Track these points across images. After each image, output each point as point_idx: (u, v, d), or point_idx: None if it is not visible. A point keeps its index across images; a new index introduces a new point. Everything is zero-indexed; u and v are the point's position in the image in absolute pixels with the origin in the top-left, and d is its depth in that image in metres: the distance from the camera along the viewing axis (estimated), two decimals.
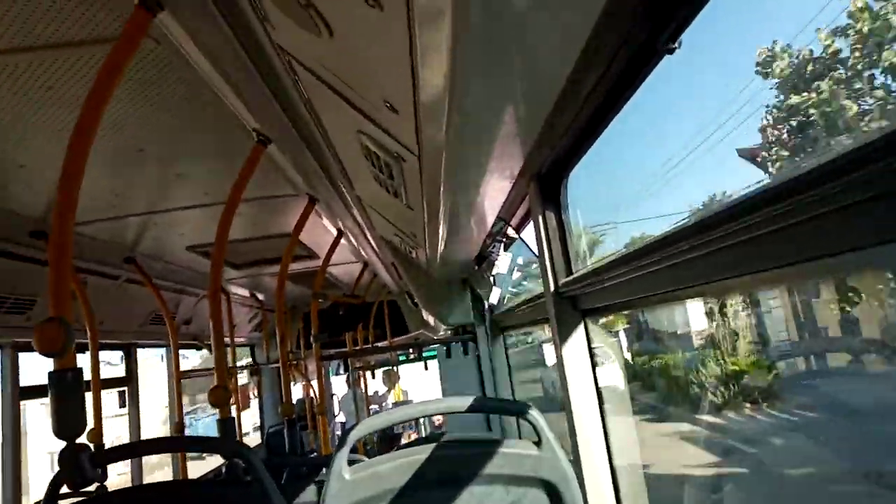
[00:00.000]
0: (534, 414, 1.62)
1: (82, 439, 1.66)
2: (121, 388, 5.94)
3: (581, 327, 1.81)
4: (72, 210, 1.61)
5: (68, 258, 1.56)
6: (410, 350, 9.27)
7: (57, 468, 1.65)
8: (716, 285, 1.16)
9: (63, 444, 1.61)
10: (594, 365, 1.80)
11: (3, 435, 4.12)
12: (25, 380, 4.14)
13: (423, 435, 7.97)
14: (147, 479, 5.81)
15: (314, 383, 7.52)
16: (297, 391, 9.58)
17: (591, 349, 1.81)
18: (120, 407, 5.97)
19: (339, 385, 11.16)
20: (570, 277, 1.79)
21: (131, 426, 5.94)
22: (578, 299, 1.79)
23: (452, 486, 1.60)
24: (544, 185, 1.81)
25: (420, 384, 12.94)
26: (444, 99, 1.29)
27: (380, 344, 8.17)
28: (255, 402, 9.03)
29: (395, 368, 11.43)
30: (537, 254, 1.94)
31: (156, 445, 2.73)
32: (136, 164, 2.89)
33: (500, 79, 1.28)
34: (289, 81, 1.96)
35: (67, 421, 1.56)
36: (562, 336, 1.79)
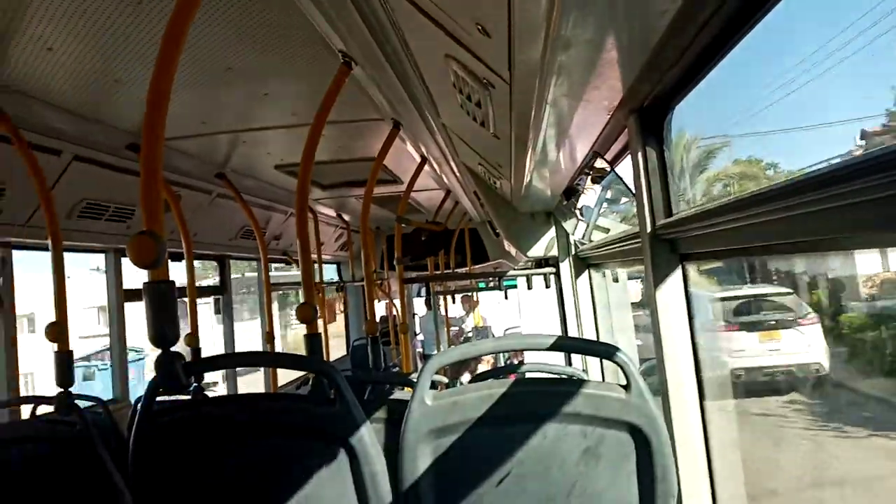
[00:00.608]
0: (622, 356, 1.55)
1: (179, 346, 1.74)
2: (216, 297, 6.30)
3: (678, 272, 1.70)
4: (160, 125, 1.62)
5: (158, 173, 1.57)
6: (490, 278, 9.31)
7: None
8: (842, 241, 1.03)
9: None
10: (691, 312, 1.69)
11: (110, 332, 4.46)
12: (129, 283, 4.44)
13: (502, 364, 8.07)
14: (241, 380, 6.22)
15: (396, 302, 7.73)
16: (380, 309, 9.88)
17: (688, 295, 1.70)
18: (215, 314, 6.30)
19: (419, 305, 11.42)
20: (671, 219, 1.66)
21: (225, 333, 6.32)
22: (677, 242, 1.67)
23: (532, 422, 1.57)
24: (646, 119, 1.66)
25: (499, 311, 13.05)
26: (541, 22, 1.16)
27: (460, 270, 8.22)
28: (340, 317, 9.40)
29: (475, 295, 11.52)
30: (634, 191, 1.81)
31: (245, 358, 2.86)
32: (224, 83, 2.91)
33: (605, 1, 1.14)
34: (377, 1, 1.86)
35: (162, 330, 1.62)
36: (657, 280, 1.69)
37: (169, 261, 1.76)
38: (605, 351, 1.61)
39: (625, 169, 2.26)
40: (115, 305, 4.39)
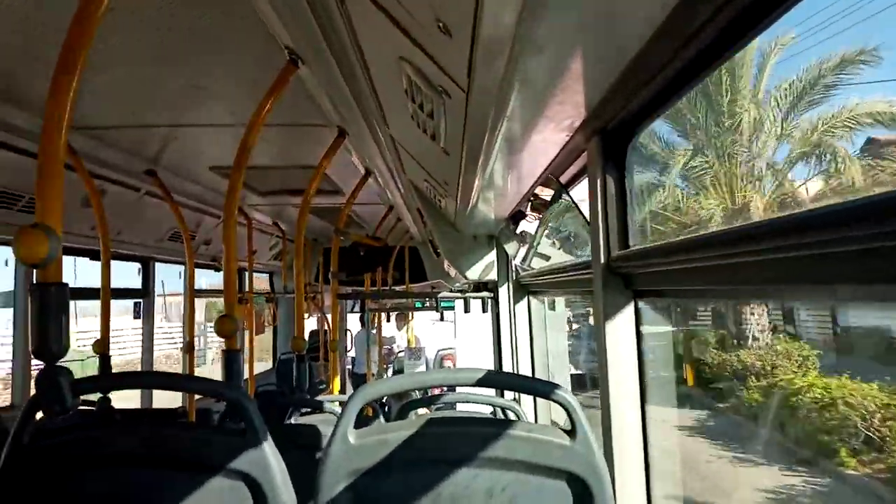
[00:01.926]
0: (567, 398, 1.44)
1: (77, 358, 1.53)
2: (136, 300, 5.94)
3: (630, 308, 1.60)
4: (64, 106, 1.44)
5: (57, 159, 1.39)
6: (427, 298, 9.20)
7: None
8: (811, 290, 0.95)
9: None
10: (640, 352, 1.60)
11: (14, 336, 4.11)
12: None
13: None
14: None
15: (329, 317, 7.50)
16: (311, 324, 9.59)
17: (639, 334, 1.60)
18: (134, 318, 5.94)
19: (353, 322, 11.19)
20: (626, 251, 1.57)
21: (144, 339, 5.96)
22: (633, 278, 1.58)
23: (466, 466, 1.43)
24: (608, 142, 1.57)
25: (433, 332, 12.92)
26: (510, 24, 1.05)
27: (397, 288, 8.08)
28: (269, 328, 9.08)
29: (409, 314, 11.37)
30: (588, 219, 1.72)
31: (146, 379, 2.61)
32: (160, 72, 2.71)
33: (580, 11, 1.05)
34: None
35: (47, 341, 1.41)
36: (607, 315, 1.59)
37: (87, 259, 1.57)
38: (546, 390, 1.49)
39: (578, 194, 2.19)
40: (24, 302, 4.05)
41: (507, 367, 4.72)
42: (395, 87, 1.97)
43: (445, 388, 4.62)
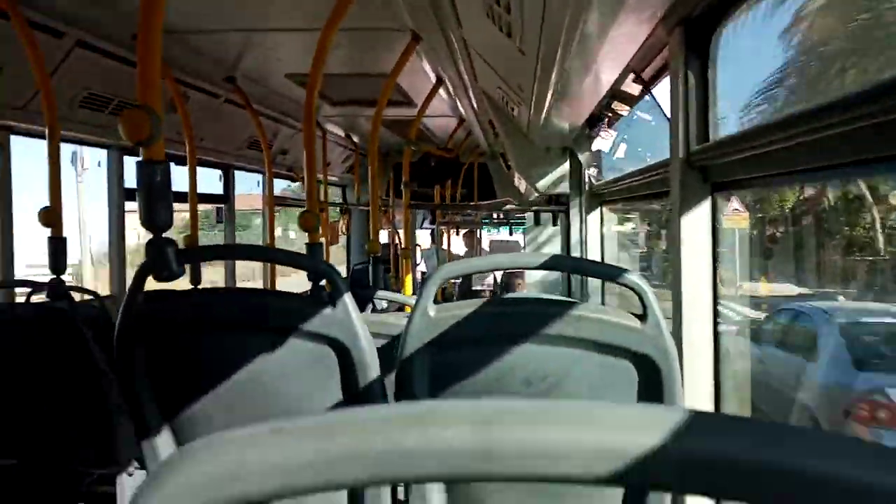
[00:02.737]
0: (640, 283, 1.46)
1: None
2: (218, 206, 6.21)
3: (708, 202, 1.59)
4: (159, 4, 1.51)
5: (156, 49, 1.46)
6: (497, 215, 9.20)
7: None
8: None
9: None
10: (716, 246, 1.59)
11: (109, 229, 4.40)
12: (130, 182, 4.35)
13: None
14: None
15: (400, 231, 7.66)
16: (383, 238, 9.80)
17: (715, 229, 1.60)
18: (216, 222, 6.23)
19: (422, 238, 11.36)
20: (706, 144, 1.54)
21: (226, 241, 6.26)
22: (710, 170, 1.55)
23: (540, 343, 1.49)
24: (692, 33, 1.52)
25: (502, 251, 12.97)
26: None
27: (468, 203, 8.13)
28: (342, 240, 9.35)
29: (478, 231, 11.45)
30: (669, 115, 1.69)
31: (243, 251, 2.78)
32: None
33: None
34: None
35: (155, 213, 1.54)
36: (683, 209, 1.58)
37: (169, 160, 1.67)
38: (618, 274, 1.52)
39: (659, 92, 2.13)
40: (116, 203, 4.31)
41: (576, 285, 4.75)
42: None
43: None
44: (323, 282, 1.85)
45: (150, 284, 1.66)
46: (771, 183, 1.36)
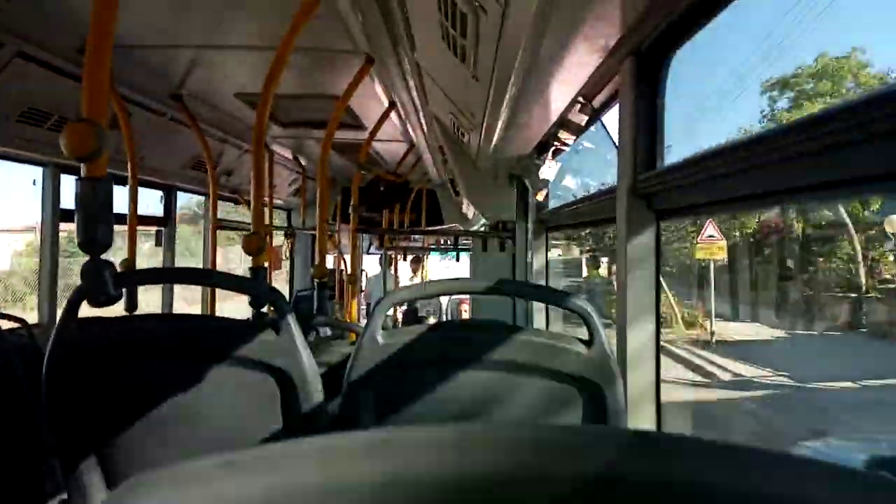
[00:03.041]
0: (585, 306, 1.49)
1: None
2: (158, 228, 6.02)
3: (652, 229, 1.64)
4: (110, 17, 1.48)
5: (104, 63, 1.42)
6: (443, 241, 9.25)
7: None
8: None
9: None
10: (658, 272, 1.64)
11: (41, 253, 4.20)
12: (67, 202, 4.18)
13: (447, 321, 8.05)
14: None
15: (346, 257, 7.59)
16: (328, 263, 9.66)
17: (658, 255, 1.64)
18: (156, 245, 6.02)
19: (368, 264, 11.28)
20: (651, 172, 1.59)
21: (165, 265, 6.06)
22: (655, 197, 1.61)
23: (487, 367, 1.50)
24: (642, 63, 1.58)
25: (447, 276, 13.00)
26: None
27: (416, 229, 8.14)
28: (285, 265, 9.18)
29: (424, 257, 11.46)
30: (617, 143, 1.74)
31: (185, 275, 2.70)
32: None
33: None
34: None
35: (93, 233, 1.48)
36: (629, 236, 1.63)
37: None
38: (564, 299, 1.54)
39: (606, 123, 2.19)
40: (51, 223, 4.13)
41: (521, 309, 4.80)
42: (428, 5, 1.97)
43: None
44: (265, 308, 1.81)
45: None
46: (714, 210, 1.42)
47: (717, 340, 8.63)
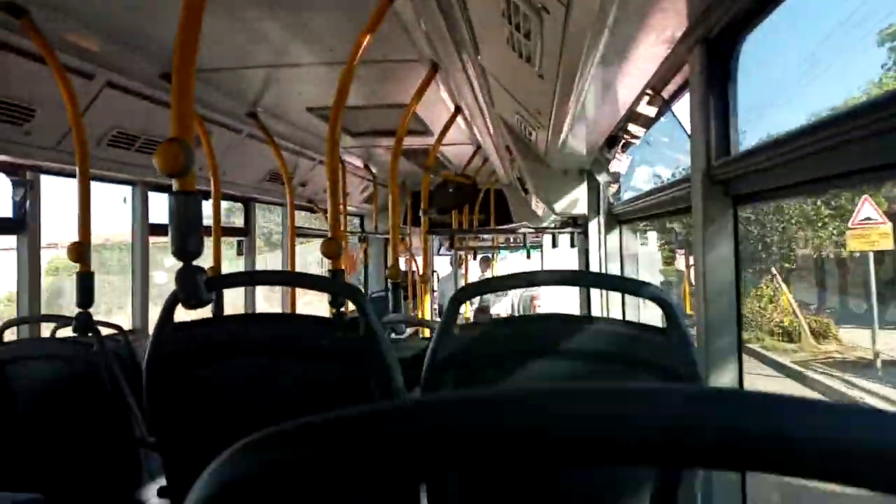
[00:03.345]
0: (662, 295, 1.48)
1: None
2: (239, 238, 6.31)
3: (730, 215, 1.62)
4: (193, 45, 1.59)
5: (190, 87, 1.53)
6: (513, 239, 9.25)
7: None
8: None
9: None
10: (738, 259, 1.61)
11: (132, 264, 4.50)
12: (154, 217, 4.47)
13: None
14: None
15: (418, 259, 7.72)
16: (401, 265, 9.83)
17: (737, 242, 1.62)
18: (237, 255, 6.30)
19: (439, 264, 11.40)
20: (727, 158, 1.57)
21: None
22: (731, 183, 1.59)
23: (565, 357, 1.51)
24: (712, 52, 1.56)
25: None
26: None
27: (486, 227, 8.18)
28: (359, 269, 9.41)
29: (494, 256, 11.48)
30: (689, 131, 1.73)
31: (271, 277, 2.82)
32: (260, 14, 2.85)
33: None
34: None
35: (185, 242, 1.59)
36: (706, 224, 1.61)
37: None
38: (647, 290, 1.54)
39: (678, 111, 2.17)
40: (140, 237, 4.41)
41: (595, 306, 4.76)
42: (491, 11, 2.00)
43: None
44: (343, 307, 1.87)
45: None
46: (795, 193, 1.39)
47: (883, 360, 6.14)
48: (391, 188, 4.12)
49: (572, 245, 5.18)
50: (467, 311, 9.47)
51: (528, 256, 8.38)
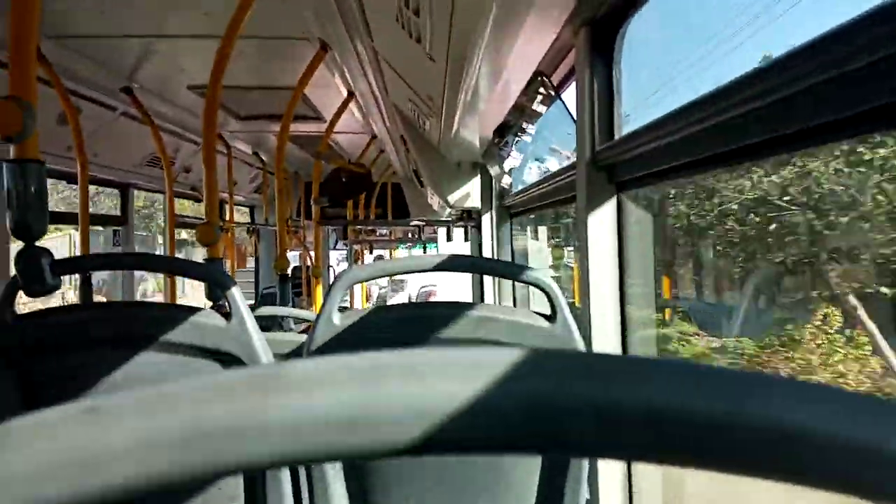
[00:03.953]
0: (546, 281, 1.46)
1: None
2: (115, 228, 5.86)
3: (613, 202, 1.61)
4: None
5: (30, 37, 1.34)
6: (410, 234, 9.23)
7: None
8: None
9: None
10: (622, 247, 1.61)
11: None
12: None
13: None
14: None
15: (311, 253, 7.50)
16: (293, 260, 9.57)
17: (620, 229, 1.62)
18: (114, 246, 5.86)
19: (336, 261, 11.21)
20: (611, 142, 1.57)
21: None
22: (615, 169, 1.58)
23: (449, 344, 1.46)
24: (597, 34, 1.55)
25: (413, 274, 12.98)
26: None
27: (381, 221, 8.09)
28: (250, 262, 9.05)
29: (391, 252, 11.42)
30: (575, 117, 1.71)
31: (128, 260, 2.58)
32: None
33: None
34: None
35: (26, 219, 1.39)
36: (590, 210, 1.60)
37: (64, 181, 1.54)
38: (529, 275, 1.51)
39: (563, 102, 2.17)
40: None
41: (488, 297, 4.78)
42: None
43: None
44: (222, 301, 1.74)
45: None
46: (677, 176, 1.39)
47: None
48: (277, 175, 3.95)
49: (466, 239, 5.19)
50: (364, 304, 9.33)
51: (424, 251, 8.38)
